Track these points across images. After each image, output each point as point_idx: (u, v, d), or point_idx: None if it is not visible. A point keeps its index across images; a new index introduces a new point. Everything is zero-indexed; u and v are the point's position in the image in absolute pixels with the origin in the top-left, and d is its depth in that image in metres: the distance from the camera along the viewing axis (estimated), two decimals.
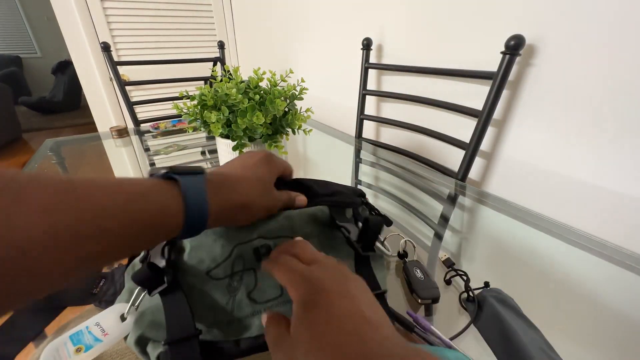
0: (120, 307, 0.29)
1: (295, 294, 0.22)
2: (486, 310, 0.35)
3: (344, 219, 0.38)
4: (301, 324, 0.20)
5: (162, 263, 0.29)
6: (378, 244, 0.38)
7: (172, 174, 0.23)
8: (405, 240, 0.47)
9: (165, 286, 0.28)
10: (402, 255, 0.45)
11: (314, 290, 0.21)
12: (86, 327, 0.28)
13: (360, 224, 0.38)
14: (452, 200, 0.67)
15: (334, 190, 0.39)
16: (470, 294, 0.37)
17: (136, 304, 0.29)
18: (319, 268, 0.24)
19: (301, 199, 0.35)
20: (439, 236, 0.54)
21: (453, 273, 0.41)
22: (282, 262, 0.25)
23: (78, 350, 0.26)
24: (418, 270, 0.40)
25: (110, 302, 0.32)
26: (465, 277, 0.39)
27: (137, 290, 0.29)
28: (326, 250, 0.32)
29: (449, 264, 0.43)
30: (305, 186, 0.38)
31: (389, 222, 0.40)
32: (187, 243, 0.32)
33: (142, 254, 0.31)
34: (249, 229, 0.33)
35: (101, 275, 0.38)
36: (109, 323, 0.28)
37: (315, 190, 0.38)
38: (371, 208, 0.41)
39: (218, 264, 0.31)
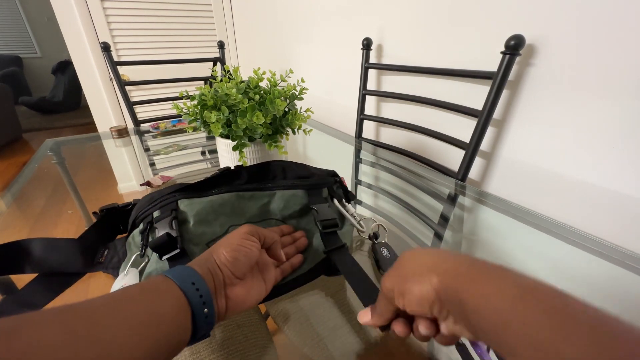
0: (133, 271, 0.36)
1: None
2: None
3: (319, 199, 0.44)
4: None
5: (173, 233, 0.35)
6: (347, 215, 0.45)
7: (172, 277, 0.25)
8: (378, 224, 0.49)
9: (178, 251, 0.34)
10: (373, 237, 0.47)
11: None
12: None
13: (335, 200, 0.46)
14: (452, 200, 0.67)
15: (310, 173, 0.46)
16: None
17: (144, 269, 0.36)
18: None
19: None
20: (439, 236, 0.54)
21: None
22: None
23: None
24: (385, 250, 0.43)
25: (115, 269, 0.39)
26: None
27: (135, 256, 0.36)
28: (303, 227, 0.43)
29: None
30: (281, 168, 0.45)
31: (352, 197, 0.49)
32: (190, 218, 0.38)
33: (142, 226, 0.38)
34: (240, 214, 0.41)
35: (105, 246, 0.43)
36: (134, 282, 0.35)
37: (294, 171, 0.46)
38: (341, 185, 0.49)
39: (217, 236, 0.38)
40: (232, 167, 0.44)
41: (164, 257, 0.34)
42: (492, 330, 0.18)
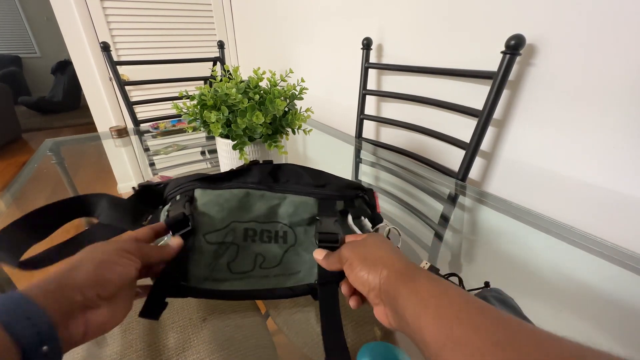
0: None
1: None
2: None
3: (330, 212, 0.41)
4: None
5: (186, 212, 0.37)
6: (354, 226, 0.42)
7: None
8: (390, 228, 0.45)
9: (189, 228, 0.36)
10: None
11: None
12: None
13: (350, 216, 0.42)
14: (452, 200, 0.67)
15: (327, 182, 0.43)
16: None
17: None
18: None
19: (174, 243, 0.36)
20: (439, 236, 0.54)
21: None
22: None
23: None
24: None
25: None
26: (457, 279, 0.39)
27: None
28: (309, 237, 0.41)
29: (433, 272, 0.40)
30: (297, 173, 0.44)
31: (378, 219, 0.45)
32: (198, 207, 0.39)
33: (170, 204, 0.41)
34: (246, 211, 0.40)
35: (149, 212, 0.48)
36: None
37: (309, 177, 0.43)
38: (366, 202, 0.44)
39: (215, 229, 0.38)
40: (260, 161, 0.46)
41: (178, 234, 0.36)
42: (410, 325, 0.22)
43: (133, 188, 0.49)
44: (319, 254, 0.35)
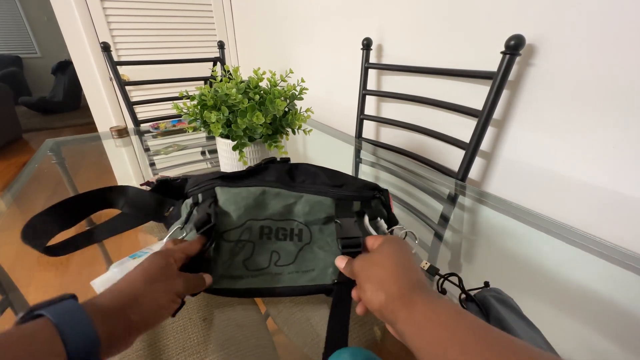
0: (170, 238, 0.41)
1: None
2: (486, 310, 0.34)
3: (348, 212, 0.41)
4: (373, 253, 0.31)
5: (210, 212, 0.39)
6: (370, 228, 0.42)
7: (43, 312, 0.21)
8: (406, 231, 0.44)
9: (211, 224, 0.37)
10: None
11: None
12: (145, 251, 0.43)
13: (366, 216, 0.42)
14: (452, 200, 0.67)
15: (344, 182, 0.43)
16: (469, 294, 0.37)
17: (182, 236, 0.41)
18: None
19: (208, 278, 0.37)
20: (439, 236, 0.54)
21: (444, 279, 0.40)
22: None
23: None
24: None
25: (172, 224, 0.48)
26: (457, 279, 0.38)
27: (176, 228, 0.42)
28: (325, 237, 0.41)
29: (433, 272, 0.40)
30: (314, 173, 0.44)
31: (394, 220, 0.45)
32: (220, 205, 0.41)
33: (191, 200, 0.43)
34: (262, 209, 0.41)
35: (171, 204, 0.52)
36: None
37: (326, 177, 0.43)
38: (383, 203, 0.44)
39: (232, 228, 0.40)
40: (277, 159, 0.48)
41: (201, 230, 0.38)
42: (410, 346, 0.24)
43: (150, 183, 0.54)
44: (341, 262, 0.35)
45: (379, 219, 0.43)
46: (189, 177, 0.49)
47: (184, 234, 0.41)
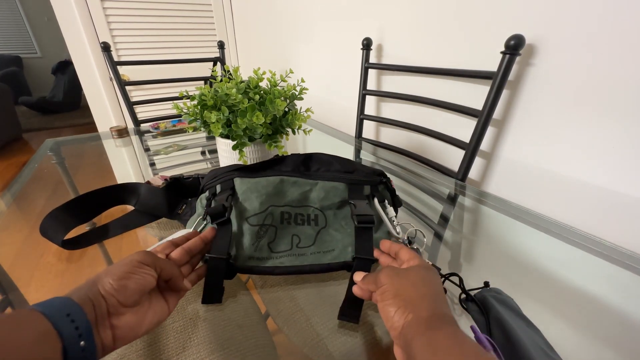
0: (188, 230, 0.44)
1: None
2: (486, 310, 0.35)
3: (360, 195, 0.46)
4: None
5: (227, 204, 0.41)
6: (385, 218, 0.45)
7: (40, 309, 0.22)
8: (415, 230, 0.48)
9: (225, 219, 0.40)
10: (407, 242, 0.44)
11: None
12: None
13: (375, 200, 0.47)
14: (452, 200, 0.67)
15: (354, 168, 0.48)
16: (469, 294, 0.37)
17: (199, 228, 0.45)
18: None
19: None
20: (439, 236, 0.54)
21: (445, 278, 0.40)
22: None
23: None
24: None
25: (186, 220, 0.50)
26: (458, 279, 0.39)
27: (199, 219, 0.45)
28: (339, 220, 0.45)
29: None
30: (327, 161, 0.48)
31: (398, 202, 0.50)
32: (239, 195, 0.44)
33: (207, 194, 0.46)
34: (282, 197, 0.45)
35: (184, 202, 0.54)
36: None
37: (338, 165, 0.48)
38: (387, 187, 0.49)
39: (255, 213, 0.43)
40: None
41: (215, 222, 0.40)
42: None
43: (165, 180, 0.57)
44: (359, 276, 0.36)
45: (386, 202, 0.48)
46: (201, 175, 0.51)
47: (204, 224, 0.45)
